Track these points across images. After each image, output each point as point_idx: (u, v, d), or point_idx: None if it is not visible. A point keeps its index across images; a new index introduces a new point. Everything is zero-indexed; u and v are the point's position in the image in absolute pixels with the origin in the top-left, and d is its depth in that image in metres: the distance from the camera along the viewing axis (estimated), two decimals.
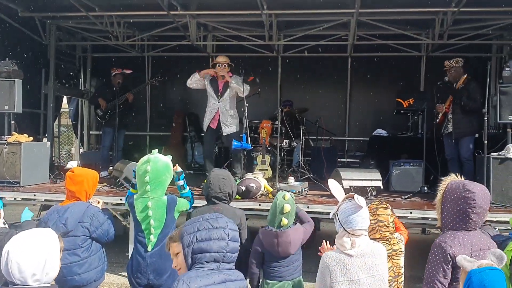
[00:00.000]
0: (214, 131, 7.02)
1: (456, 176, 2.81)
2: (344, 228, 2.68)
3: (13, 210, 8.75)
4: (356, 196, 2.74)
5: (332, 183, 3.16)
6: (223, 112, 6.83)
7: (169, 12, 7.49)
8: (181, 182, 3.89)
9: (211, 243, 2.13)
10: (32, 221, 3.66)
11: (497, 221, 5.37)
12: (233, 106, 7.00)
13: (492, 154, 5.74)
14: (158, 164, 3.48)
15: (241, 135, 6.61)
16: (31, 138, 6.71)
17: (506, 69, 5.84)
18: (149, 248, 3.45)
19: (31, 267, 1.98)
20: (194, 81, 6.96)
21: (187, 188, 3.94)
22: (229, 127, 6.86)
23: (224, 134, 6.90)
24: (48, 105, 8.74)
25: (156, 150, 3.62)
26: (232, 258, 2.20)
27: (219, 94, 6.83)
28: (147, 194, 3.46)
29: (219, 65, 6.89)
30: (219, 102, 6.82)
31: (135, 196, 3.57)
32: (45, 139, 8.61)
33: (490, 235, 3.01)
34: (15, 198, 6.24)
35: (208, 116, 6.96)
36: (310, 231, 3.91)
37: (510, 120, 5.79)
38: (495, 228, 5.12)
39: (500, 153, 5.71)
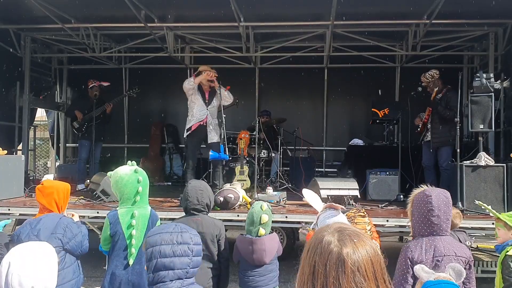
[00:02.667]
0: (198, 140, 6.85)
1: (427, 185, 2.89)
2: None
3: None
4: (334, 205, 2.78)
5: (306, 193, 3.18)
6: (209, 120, 6.72)
7: (146, 24, 7.50)
8: None
9: (175, 260, 2.12)
10: (3, 233, 3.58)
11: (471, 227, 5.49)
12: (216, 116, 6.94)
13: (465, 162, 5.88)
14: (145, 174, 3.53)
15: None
16: (5, 152, 6.60)
17: (476, 79, 6.00)
18: (131, 262, 3.38)
19: (31, 280, 1.97)
20: (189, 87, 6.80)
21: None
22: (214, 136, 6.75)
23: (209, 141, 6.73)
24: (23, 117, 8.60)
25: (134, 162, 3.61)
26: (194, 272, 2.20)
27: (207, 101, 6.76)
28: (135, 205, 3.46)
29: (204, 73, 6.81)
30: (207, 109, 6.73)
31: (118, 210, 3.53)
32: (19, 153, 8.47)
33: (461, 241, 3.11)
34: None
35: (191, 123, 6.77)
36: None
37: (481, 128, 5.94)
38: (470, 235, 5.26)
39: (472, 161, 5.85)
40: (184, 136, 6.99)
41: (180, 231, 2.21)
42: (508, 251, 3.32)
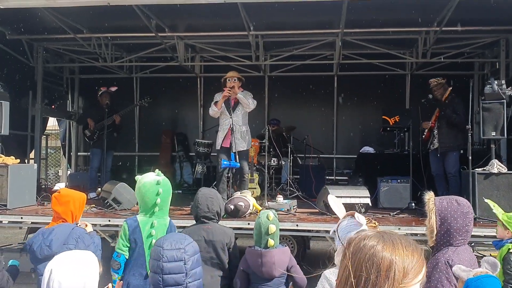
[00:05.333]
0: (227, 150, 6.62)
1: (429, 192, 2.83)
2: (343, 244, 2.66)
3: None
4: (356, 214, 2.74)
5: (331, 199, 3.16)
6: (235, 128, 6.51)
7: (157, 33, 7.57)
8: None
9: (151, 276, 2.08)
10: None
11: (484, 235, 5.43)
12: (245, 122, 6.75)
13: (477, 169, 5.82)
14: (167, 187, 3.53)
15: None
16: (18, 160, 6.66)
17: (487, 86, 5.96)
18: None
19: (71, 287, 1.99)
20: (214, 113, 6.73)
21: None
22: (241, 144, 6.57)
23: (234, 150, 6.43)
24: (35, 127, 8.70)
25: (158, 170, 3.62)
26: None
27: (231, 109, 6.57)
28: (154, 215, 3.47)
29: (229, 80, 6.70)
30: (230, 117, 6.53)
31: (138, 218, 3.53)
32: (32, 161, 8.55)
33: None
34: (1, 221, 6.15)
35: (220, 134, 6.70)
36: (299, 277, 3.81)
37: (493, 135, 5.89)
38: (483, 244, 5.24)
39: (484, 168, 5.79)
40: (217, 148, 6.84)
41: (169, 248, 2.17)
42: (510, 248, 3.65)
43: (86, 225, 3.79)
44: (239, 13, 6.62)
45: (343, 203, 6.07)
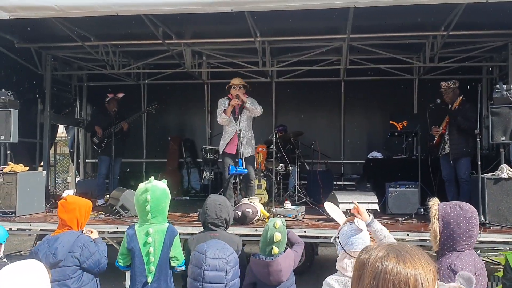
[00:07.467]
0: (232, 156, 6.64)
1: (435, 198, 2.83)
2: (344, 250, 2.67)
3: (9, 241, 8.67)
4: (356, 219, 2.74)
5: (328, 206, 3.14)
6: (241, 135, 6.51)
7: (164, 41, 7.61)
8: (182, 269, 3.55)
9: (190, 282, 2.09)
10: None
11: (494, 241, 5.38)
12: (250, 128, 6.77)
13: (486, 174, 5.77)
14: (157, 193, 3.48)
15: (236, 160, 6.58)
16: (27, 168, 6.70)
17: (496, 90, 5.90)
18: (149, 280, 3.37)
19: None
20: (223, 121, 6.71)
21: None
22: (247, 150, 6.60)
23: (242, 157, 6.46)
24: (44, 134, 8.76)
25: (152, 177, 3.62)
26: None
27: (236, 116, 6.56)
28: (148, 222, 3.46)
29: (234, 87, 6.73)
30: (236, 125, 6.54)
31: (136, 226, 3.54)
32: (40, 169, 8.60)
33: None
34: (10, 229, 6.16)
35: (224, 141, 6.72)
36: (301, 252, 3.88)
37: (503, 140, 5.83)
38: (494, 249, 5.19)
39: (494, 173, 5.73)
40: (220, 153, 6.87)
41: (200, 251, 2.15)
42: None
43: (92, 232, 3.80)
44: (246, 19, 6.64)
45: (351, 209, 6.04)
